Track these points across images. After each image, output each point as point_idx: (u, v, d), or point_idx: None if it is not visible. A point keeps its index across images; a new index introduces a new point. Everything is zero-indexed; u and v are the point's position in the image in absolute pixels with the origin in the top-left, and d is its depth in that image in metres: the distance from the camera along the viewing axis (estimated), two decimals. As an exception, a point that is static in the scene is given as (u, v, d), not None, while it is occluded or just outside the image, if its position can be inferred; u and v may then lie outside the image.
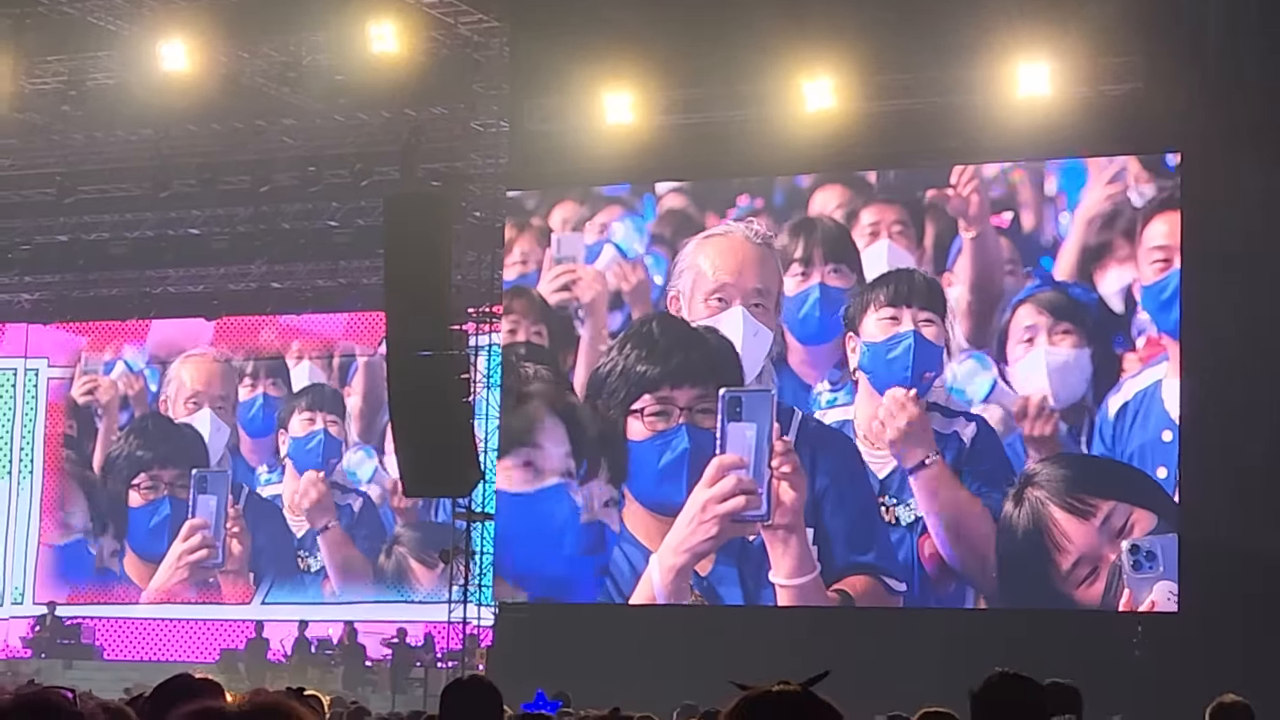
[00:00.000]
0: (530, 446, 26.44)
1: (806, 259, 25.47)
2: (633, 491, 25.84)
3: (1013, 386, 24.29)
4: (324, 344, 33.23)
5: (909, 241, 25.12)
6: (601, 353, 26.26)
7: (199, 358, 33.90)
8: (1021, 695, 5.85)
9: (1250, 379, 22.71)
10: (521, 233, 26.95)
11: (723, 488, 24.95)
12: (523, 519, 26.39)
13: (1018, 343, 24.31)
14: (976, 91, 23.85)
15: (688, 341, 25.79)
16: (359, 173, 29.10)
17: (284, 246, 31.87)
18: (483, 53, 26.87)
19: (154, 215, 32.04)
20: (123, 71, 27.31)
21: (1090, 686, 15.09)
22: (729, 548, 25.08)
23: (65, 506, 34.46)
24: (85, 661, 32.01)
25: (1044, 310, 24.27)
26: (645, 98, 25.19)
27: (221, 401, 33.66)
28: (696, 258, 26.00)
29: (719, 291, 25.76)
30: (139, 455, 33.77)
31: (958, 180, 24.88)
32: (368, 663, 30.34)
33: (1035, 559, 23.72)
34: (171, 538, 33.11)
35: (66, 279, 33.80)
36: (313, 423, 32.96)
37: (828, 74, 24.14)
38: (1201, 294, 23.00)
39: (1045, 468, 24.01)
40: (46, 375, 35.05)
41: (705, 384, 25.49)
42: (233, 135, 29.68)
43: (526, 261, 26.83)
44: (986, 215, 24.76)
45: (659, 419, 25.68)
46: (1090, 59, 23.37)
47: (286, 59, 27.01)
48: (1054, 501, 23.86)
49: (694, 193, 26.27)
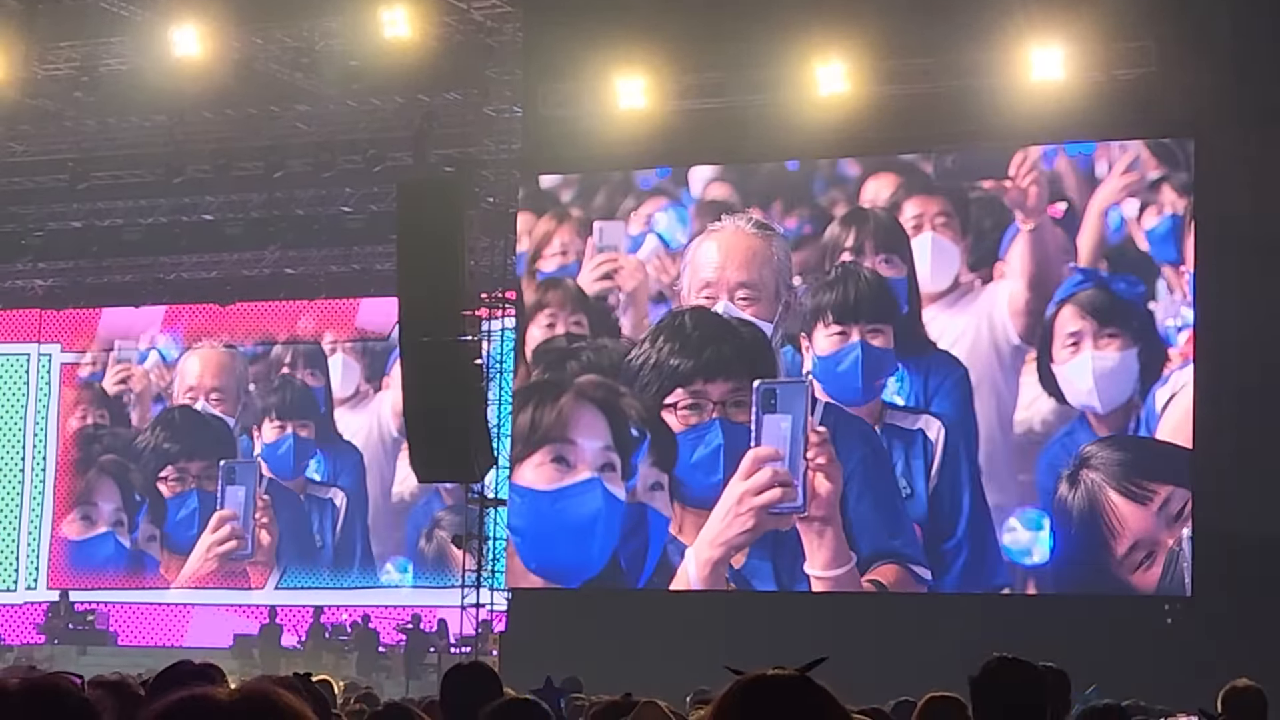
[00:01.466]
0: (562, 441, 25.98)
1: (858, 248, 25.24)
2: (670, 488, 25.60)
3: (1060, 387, 24.07)
4: (358, 331, 33.16)
5: (953, 234, 24.91)
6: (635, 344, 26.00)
7: (206, 348, 33.93)
8: (1020, 679, 5.86)
9: (1265, 364, 22.67)
10: (561, 223, 26.53)
11: (758, 480, 24.72)
12: (551, 516, 25.91)
13: (1063, 346, 24.11)
14: (989, 76, 23.78)
15: (721, 334, 25.53)
16: (372, 158, 29.11)
17: (297, 232, 31.89)
18: (496, 38, 26.84)
19: (167, 201, 32.07)
20: (135, 57, 27.30)
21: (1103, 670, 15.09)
22: (763, 540, 24.83)
23: (92, 498, 34.39)
24: (99, 647, 32.08)
25: (1088, 314, 24.00)
26: (658, 83, 25.15)
27: (218, 394, 33.81)
28: (695, 255, 25.92)
29: (706, 288, 25.64)
30: (165, 448, 33.78)
31: (1016, 170, 24.55)
32: (381, 648, 30.38)
33: (1090, 543, 23.50)
34: (200, 530, 33.16)
35: (80, 265, 33.84)
36: (283, 429, 33.21)
37: (841, 58, 24.09)
38: (1216, 280, 22.95)
39: (1102, 450, 23.73)
40: (59, 360, 35.09)
41: (739, 377, 25.20)
42: (246, 121, 29.68)
43: (567, 252, 26.48)
44: (1044, 206, 24.48)
45: (692, 413, 25.44)
46: (1104, 43, 23.31)
47: (299, 44, 27.01)
48: (1111, 485, 23.60)
49: (736, 181, 26.06)
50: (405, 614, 30.31)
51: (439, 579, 31.13)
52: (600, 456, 25.74)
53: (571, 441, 25.99)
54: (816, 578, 24.50)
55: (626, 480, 25.53)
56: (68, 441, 34.83)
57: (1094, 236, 24.22)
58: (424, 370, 25.45)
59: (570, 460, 25.95)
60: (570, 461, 25.95)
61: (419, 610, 30.11)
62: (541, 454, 26.11)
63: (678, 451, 25.43)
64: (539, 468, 26.09)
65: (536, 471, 26.11)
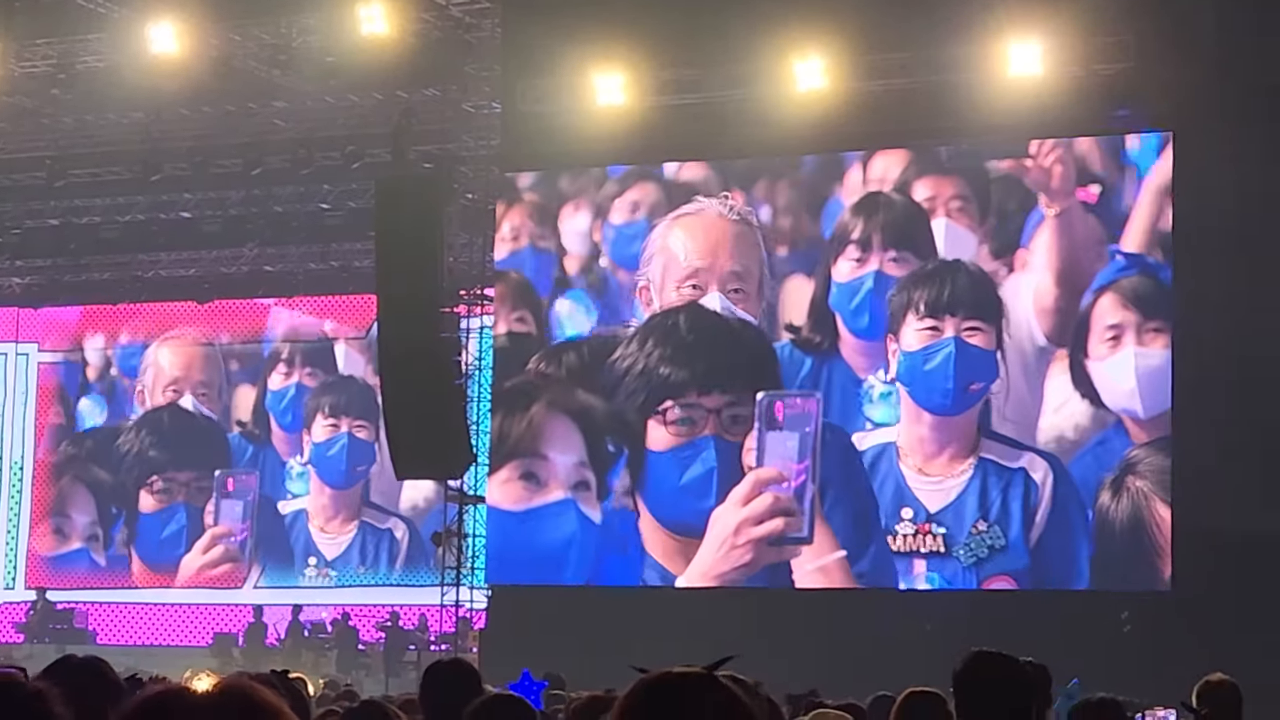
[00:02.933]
0: (533, 456, 24.43)
1: (865, 241, 23.54)
2: (649, 506, 23.67)
3: (1095, 386, 22.39)
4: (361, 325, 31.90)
5: (970, 219, 23.31)
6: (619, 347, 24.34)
7: (177, 340, 33.58)
8: (1002, 673, 5.83)
9: (1243, 357, 22.65)
10: (536, 217, 25.84)
11: (758, 507, 22.69)
12: (521, 540, 24.67)
13: (1101, 341, 22.46)
14: (968, 71, 23.76)
15: (721, 339, 23.46)
16: (350, 155, 29.06)
17: (276, 229, 31.81)
18: (474, 34, 26.80)
19: (145, 199, 31.97)
20: (112, 54, 27.22)
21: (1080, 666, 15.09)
22: (758, 574, 23.09)
23: (65, 510, 33.98)
24: (78, 646, 31.95)
25: (1130, 304, 22.41)
26: (637, 79, 25.12)
27: (204, 388, 33.25)
28: (667, 240, 24.39)
29: (693, 277, 23.97)
30: (151, 455, 32.90)
31: (1038, 151, 23.08)
32: (361, 646, 30.31)
33: (1134, 555, 22.23)
34: (187, 550, 32.26)
35: (57, 263, 33.72)
36: (336, 427, 32.13)
37: (819, 54, 24.07)
38: (1193, 273, 22.94)
39: (1149, 454, 22.40)
40: (37, 360, 34.97)
41: (739, 389, 23.06)
42: (223, 118, 29.61)
43: (542, 247, 25.70)
44: (1072, 189, 22.94)
45: (683, 427, 23.35)
46: (1082, 38, 23.31)
47: (277, 41, 26.96)
48: (1159, 495, 22.26)
49: (719, 171, 24.95)
50: (385, 612, 30.23)
51: (419, 577, 31.00)
52: (574, 474, 24.03)
53: (543, 456, 24.37)
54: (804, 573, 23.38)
55: (602, 500, 23.91)
56: (45, 442, 34.67)
57: (1147, 219, 22.81)
58: (403, 367, 25.40)
59: (541, 478, 24.31)
60: (541, 479, 24.31)
61: (398, 608, 30.01)
62: (509, 469, 24.68)
63: (655, 468, 23.51)
64: (505, 484, 24.70)
65: (503, 489, 24.78)
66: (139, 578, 32.95)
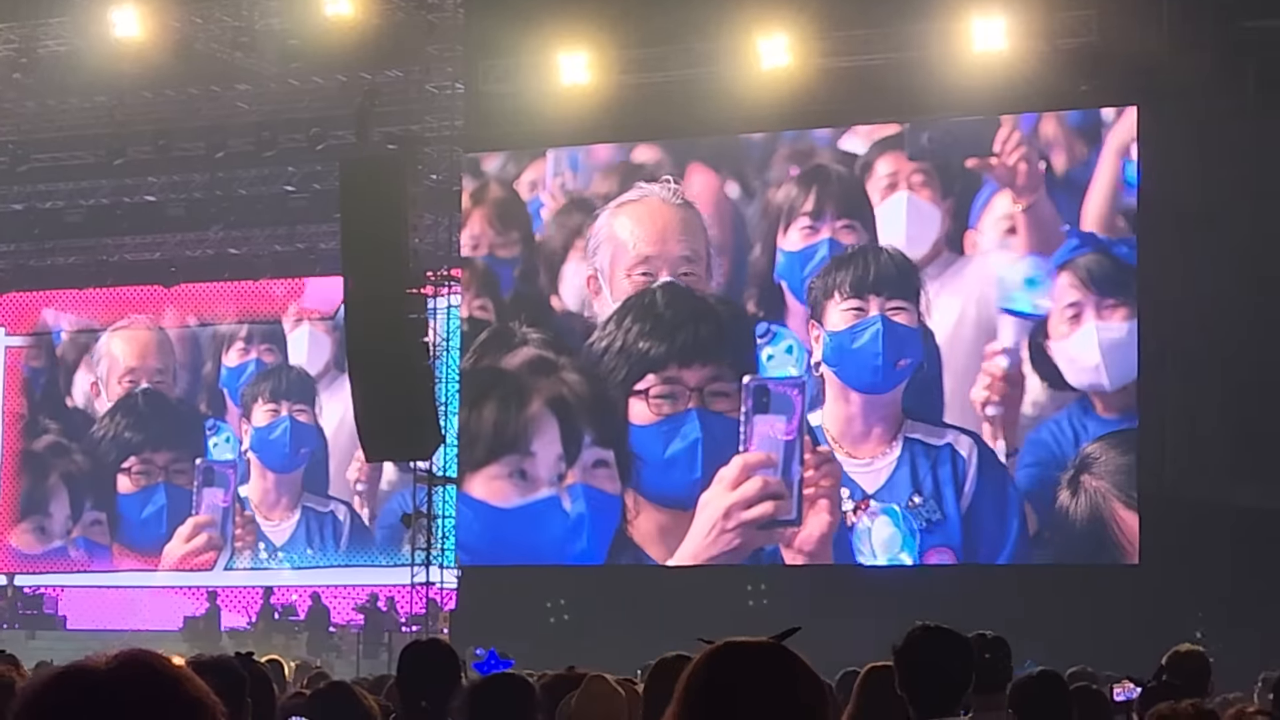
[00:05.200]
0: (520, 454, 24.47)
1: (816, 213, 23.45)
2: (634, 483, 23.70)
3: (1057, 364, 22.33)
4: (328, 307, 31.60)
5: (932, 193, 23.20)
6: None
7: (128, 330, 33.44)
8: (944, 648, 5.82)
9: (1207, 330, 22.73)
10: (499, 201, 25.99)
11: (747, 491, 22.74)
12: (506, 532, 24.77)
13: (1061, 320, 22.43)
14: (932, 47, 23.76)
15: (698, 314, 23.54)
16: (314, 137, 28.98)
17: (240, 212, 31.75)
18: (437, 14, 26.73)
19: (109, 183, 31.87)
20: (74, 38, 27.13)
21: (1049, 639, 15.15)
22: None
23: (45, 508, 33.57)
24: (48, 631, 31.88)
25: (1087, 282, 22.34)
26: (601, 57, 25.09)
27: (160, 375, 33.14)
28: (612, 228, 24.29)
29: (642, 265, 24.00)
30: (127, 437, 32.80)
31: (1001, 147, 23.03)
32: (332, 628, 30.28)
33: (1094, 528, 22.03)
34: (169, 528, 32.16)
35: (22, 248, 33.62)
36: (276, 412, 32.14)
37: (783, 31, 24.05)
38: (1158, 247, 23.00)
39: (1103, 450, 22.28)
40: (4, 344, 34.83)
41: (718, 362, 23.17)
42: (187, 101, 29.53)
43: (505, 230, 25.82)
44: (1039, 184, 22.90)
45: (665, 401, 23.38)
46: (1046, 13, 23.33)
47: (239, 24, 26.89)
48: (1117, 496, 22.14)
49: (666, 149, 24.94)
50: (354, 593, 30.18)
51: (388, 558, 30.95)
52: (555, 467, 24.13)
53: (530, 454, 24.49)
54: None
55: (581, 484, 24.01)
56: (12, 429, 34.52)
57: (1105, 194, 22.73)
58: (371, 349, 25.37)
59: (528, 473, 24.40)
60: (527, 475, 24.40)
61: (375, 589, 29.93)
62: (496, 467, 24.69)
63: (639, 443, 23.53)
64: (492, 481, 24.74)
65: (488, 486, 24.81)
66: (118, 560, 32.84)
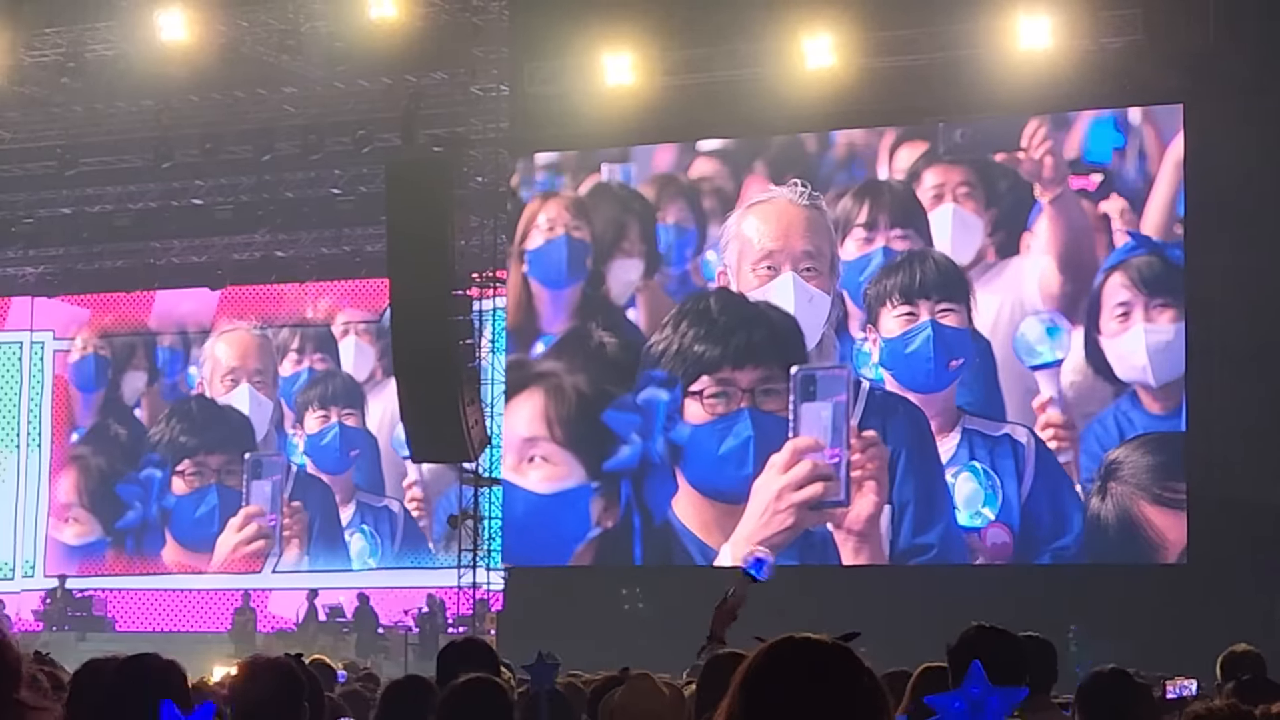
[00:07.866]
0: (567, 449, 25.32)
1: (871, 223, 24.37)
2: (687, 476, 24.61)
3: (1107, 359, 23.10)
4: (373, 312, 32.08)
5: (977, 204, 24.04)
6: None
7: (232, 332, 33.67)
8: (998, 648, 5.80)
9: (1255, 329, 22.64)
10: (549, 202, 26.32)
11: (798, 474, 23.71)
12: (544, 517, 25.45)
13: (1112, 318, 23.15)
14: (977, 46, 23.71)
15: (749, 319, 24.55)
16: (360, 140, 29.05)
17: (287, 215, 31.84)
18: (482, 16, 26.78)
19: (156, 186, 32.00)
20: (122, 42, 27.26)
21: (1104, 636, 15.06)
22: (792, 543, 23.75)
23: (83, 502, 34.06)
24: (97, 634, 32.04)
25: (1136, 283, 23.07)
26: (645, 58, 25.09)
27: (259, 376, 33.32)
28: (740, 227, 25.10)
29: (767, 259, 24.75)
30: (182, 441, 33.11)
31: (1028, 142, 23.78)
32: (380, 629, 30.33)
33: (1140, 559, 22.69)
34: (220, 526, 32.55)
35: (71, 252, 33.78)
36: (327, 418, 32.46)
37: (827, 31, 24.03)
38: (1204, 245, 22.91)
39: (1129, 453, 22.92)
40: (52, 348, 35.01)
41: (769, 364, 24.22)
42: (233, 104, 29.62)
43: (554, 229, 26.17)
44: (1065, 177, 23.62)
45: (719, 401, 24.40)
46: (1091, 11, 23.26)
47: (285, 27, 26.96)
48: (1142, 495, 22.82)
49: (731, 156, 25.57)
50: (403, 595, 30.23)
51: (434, 559, 31.02)
52: (604, 462, 24.98)
53: (578, 450, 25.27)
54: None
55: (631, 480, 24.87)
56: (61, 432, 34.72)
57: (1162, 195, 23.28)
58: (416, 350, 25.45)
59: (574, 468, 25.24)
60: (574, 469, 25.25)
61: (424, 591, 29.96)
62: (542, 462, 25.46)
63: (693, 441, 24.44)
64: (538, 474, 25.48)
65: (534, 478, 25.52)
66: (172, 560, 33.03)
